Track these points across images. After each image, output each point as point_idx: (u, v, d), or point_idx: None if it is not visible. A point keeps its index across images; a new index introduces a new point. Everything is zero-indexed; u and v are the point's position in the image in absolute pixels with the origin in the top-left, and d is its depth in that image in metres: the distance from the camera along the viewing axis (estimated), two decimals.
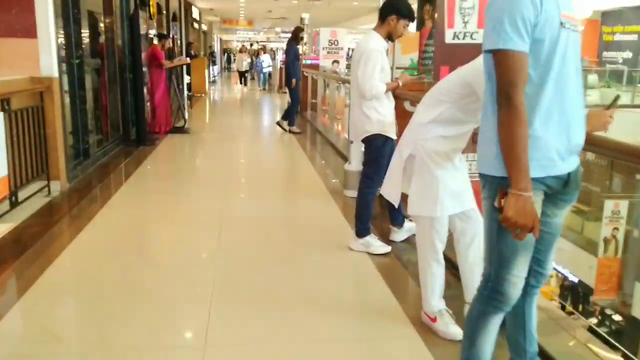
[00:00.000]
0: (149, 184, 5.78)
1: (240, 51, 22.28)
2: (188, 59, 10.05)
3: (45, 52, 4.72)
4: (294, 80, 8.61)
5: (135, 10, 7.49)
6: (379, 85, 3.29)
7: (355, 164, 4.96)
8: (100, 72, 7.16)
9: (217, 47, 30.40)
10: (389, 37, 3.36)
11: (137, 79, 7.52)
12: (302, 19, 14.99)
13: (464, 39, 4.60)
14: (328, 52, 10.92)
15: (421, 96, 4.38)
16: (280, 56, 18.28)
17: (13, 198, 4.16)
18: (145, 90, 7.67)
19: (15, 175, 4.19)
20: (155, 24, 10.14)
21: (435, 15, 5.03)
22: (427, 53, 13.36)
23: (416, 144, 2.45)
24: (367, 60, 3.25)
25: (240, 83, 20.56)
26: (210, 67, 20.63)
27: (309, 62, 12.68)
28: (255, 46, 34.99)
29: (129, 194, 5.08)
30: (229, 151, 7.53)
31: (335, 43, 10.97)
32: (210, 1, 17.47)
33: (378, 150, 3.41)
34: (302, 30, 9.12)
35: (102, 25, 7.23)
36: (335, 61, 10.74)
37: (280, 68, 17.04)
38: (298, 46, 9.20)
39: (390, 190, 2.66)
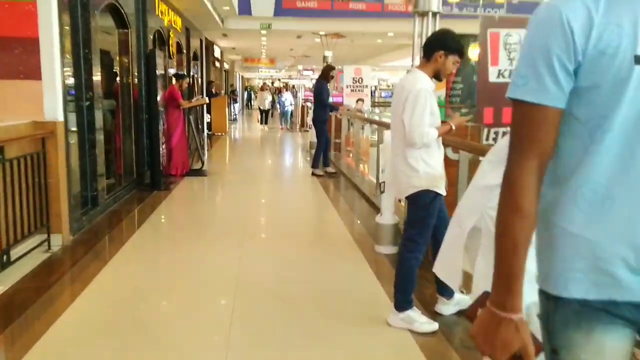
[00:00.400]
0: (159, 236, 5.29)
1: (262, 89, 21.78)
2: (207, 98, 9.71)
3: (49, 94, 4.35)
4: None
5: (151, 50, 7.20)
6: (429, 131, 2.76)
7: (388, 215, 4.42)
8: (114, 113, 6.84)
9: (238, 85, 30.42)
10: (436, 76, 2.85)
11: (153, 120, 7.16)
12: (325, 57, 14.68)
13: (510, 76, 4.09)
14: (352, 90, 10.54)
15: (466, 142, 3.87)
16: (302, 94, 17.82)
17: (5, 257, 3.71)
18: (161, 132, 7.29)
19: (9, 231, 3.75)
20: (175, 63, 9.90)
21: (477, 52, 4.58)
22: (455, 90, 12.93)
23: (482, 213, 1.91)
24: (415, 103, 2.72)
25: (261, 122, 19.03)
26: (232, 106, 20.29)
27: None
28: (277, 83, 34.92)
29: (136, 248, 4.59)
30: (247, 197, 7.01)
31: (360, 81, 10.58)
32: (232, 40, 17.39)
33: (425, 209, 2.86)
34: (333, 68, 8.66)
35: (117, 64, 6.93)
36: (360, 99, 10.32)
37: (302, 106, 16.70)
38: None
39: (447, 270, 2.11)
